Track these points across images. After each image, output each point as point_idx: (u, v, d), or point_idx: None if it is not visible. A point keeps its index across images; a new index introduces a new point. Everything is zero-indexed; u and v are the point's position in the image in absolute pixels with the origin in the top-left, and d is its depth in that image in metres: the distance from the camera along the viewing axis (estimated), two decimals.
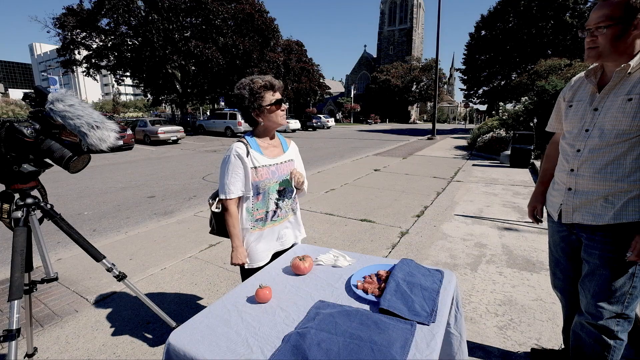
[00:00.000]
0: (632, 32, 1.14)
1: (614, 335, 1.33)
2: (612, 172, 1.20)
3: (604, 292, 1.28)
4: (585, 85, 1.36)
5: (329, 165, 9.47)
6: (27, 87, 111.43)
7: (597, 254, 1.28)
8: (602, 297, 1.29)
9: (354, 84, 63.21)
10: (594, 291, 1.31)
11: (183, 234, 4.07)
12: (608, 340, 1.33)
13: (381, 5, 65.70)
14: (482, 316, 2.30)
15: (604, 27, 1.14)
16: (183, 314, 2.38)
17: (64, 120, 1.34)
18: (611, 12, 1.13)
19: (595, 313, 1.32)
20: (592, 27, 1.18)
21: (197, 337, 1.02)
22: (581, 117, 1.32)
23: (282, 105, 1.60)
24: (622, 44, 1.16)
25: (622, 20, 1.13)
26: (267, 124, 1.62)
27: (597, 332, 1.34)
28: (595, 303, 1.31)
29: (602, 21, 1.15)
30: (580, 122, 1.32)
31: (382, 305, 1.12)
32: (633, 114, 1.15)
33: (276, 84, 1.58)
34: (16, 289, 1.31)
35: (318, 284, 1.33)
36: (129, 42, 24.10)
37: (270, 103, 1.55)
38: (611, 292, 1.27)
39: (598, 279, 1.29)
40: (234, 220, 1.59)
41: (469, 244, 3.57)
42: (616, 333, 1.32)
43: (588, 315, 1.35)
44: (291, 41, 41.72)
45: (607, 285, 1.27)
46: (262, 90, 1.53)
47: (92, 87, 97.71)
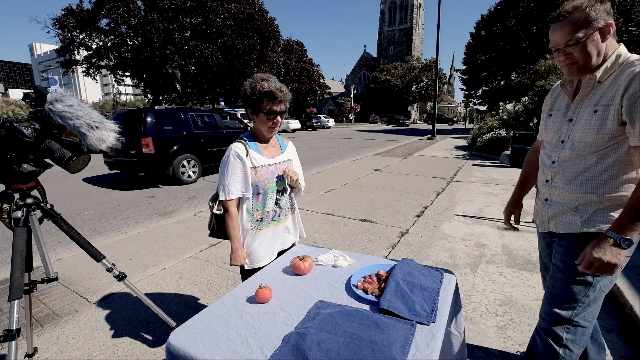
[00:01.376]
0: (600, 41, 1.13)
1: (562, 344, 1.28)
2: (582, 184, 1.20)
3: (557, 296, 1.27)
4: (562, 94, 1.34)
5: (329, 165, 9.47)
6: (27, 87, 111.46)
7: (559, 257, 1.28)
8: (554, 300, 1.28)
9: (354, 84, 63.24)
10: (548, 294, 1.31)
11: (183, 234, 4.07)
12: (556, 348, 1.29)
13: (381, 5, 65.70)
14: (482, 316, 2.30)
15: (575, 43, 1.13)
16: (183, 314, 2.38)
17: (63, 120, 1.34)
18: (575, 29, 1.12)
19: (545, 317, 1.31)
20: (562, 47, 1.16)
21: (197, 337, 1.02)
22: (558, 128, 1.31)
23: (276, 118, 1.56)
24: (595, 53, 1.15)
25: (590, 34, 1.12)
26: (257, 127, 1.62)
27: (547, 337, 1.31)
28: (547, 306, 1.30)
29: (571, 39, 1.13)
30: (557, 133, 1.31)
31: (382, 305, 1.12)
32: (598, 126, 1.14)
33: (279, 96, 1.52)
34: (16, 289, 1.31)
35: (318, 284, 1.33)
36: (129, 42, 24.13)
37: (264, 111, 1.53)
38: (563, 297, 1.25)
39: (554, 282, 1.28)
40: (234, 222, 1.59)
41: (469, 244, 3.57)
42: (565, 341, 1.28)
43: (540, 319, 1.34)
44: (291, 41, 41.75)
45: (561, 290, 1.25)
46: (262, 96, 1.50)
47: (92, 87, 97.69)
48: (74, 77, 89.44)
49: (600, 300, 1.25)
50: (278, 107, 1.54)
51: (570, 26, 1.13)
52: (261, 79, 1.52)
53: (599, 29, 1.11)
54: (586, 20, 1.11)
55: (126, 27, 23.23)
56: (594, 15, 1.10)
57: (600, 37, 1.12)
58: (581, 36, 1.12)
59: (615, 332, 2.12)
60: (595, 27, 1.11)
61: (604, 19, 1.11)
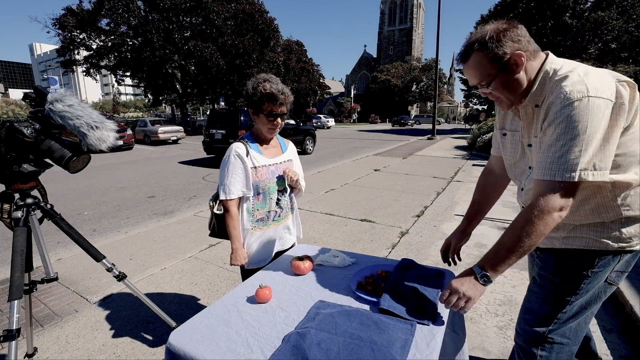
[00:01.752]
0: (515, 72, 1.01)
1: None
2: None
3: (532, 310, 1.19)
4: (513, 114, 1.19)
5: (329, 165, 9.47)
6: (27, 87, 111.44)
7: (537, 271, 1.22)
8: (528, 315, 1.20)
9: (354, 84, 63.26)
10: (523, 307, 1.23)
11: (183, 234, 4.07)
12: None
13: (381, 5, 65.73)
14: (482, 316, 2.30)
15: (487, 84, 1.04)
16: (183, 314, 2.38)
17: (63, 120, 1.34)
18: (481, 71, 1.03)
19: (519, 331, 1.23)
20: (477, 85, 1.07)
21: (197, 337, 1.02)
22: (521, 153, 1.17)
23: (276, 120, 1.56)
24: (515, 85, 1.03)
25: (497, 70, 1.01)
26: (258, 127, 1.62)
27: (522, 353, 1.22)
28: (521, 320, 1.23)
29: (481, 80, 1.04)
30: (522, 160, 1.18)
31: (382, 305, 1.12)
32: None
33: (280, 98, 1.50)
34: (16, 289, 1.31)
35: (318, 284, 1.33)
36: (129, 42, 24.12)
37: (264, 112, 1.53)
38: (539, 312, 1.17)
39: (529, 296, 1.21)
40: (234, 222, 1.59)
41: (469, 244, 3.56)
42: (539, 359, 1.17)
43: (515, 333, 1.27)
44: (291, 41, 41.76)
45: (536, 304, 1.17)
46: (264, 97, 1.50)
47: (92, 87, 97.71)
48: (74, 77, 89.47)
49: (584, 316, 1.15)
50: (279, 109, 1.54)
51: (474, 69, 1.04)
52: (264, 79, 1.51)
53: (508, 63, 0.99)
54: (489, 59, 0.99)
55: (126, 27, 23.23)
56: (496, 51, 0.98)
57: (513, 69, 1.00)
58: (489, 77, 1.02)
59: (615, 332, 2.12)
60: (503, 62, 0.99)
61: (510, 49, 0.98)
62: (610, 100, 0.89)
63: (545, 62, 1.02)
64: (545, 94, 1.00)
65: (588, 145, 0.87)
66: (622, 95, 0.91)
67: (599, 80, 0.90)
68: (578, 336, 1.16)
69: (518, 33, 0.99)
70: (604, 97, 0.88)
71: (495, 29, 0.99)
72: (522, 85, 1.03)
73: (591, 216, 1.03)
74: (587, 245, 1.05)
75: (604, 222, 1.02)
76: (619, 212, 1.00)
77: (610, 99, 0.89)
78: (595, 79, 0.91)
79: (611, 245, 1.02)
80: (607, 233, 1.02)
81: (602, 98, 0.87)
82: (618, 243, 1.02)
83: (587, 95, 0.87)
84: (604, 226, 1.03)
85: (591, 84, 0.89)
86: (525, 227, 0.95)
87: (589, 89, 0.88)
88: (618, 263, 1.06)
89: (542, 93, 1.01)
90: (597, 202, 1.02)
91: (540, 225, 0.93)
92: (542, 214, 0.93)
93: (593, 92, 0.87)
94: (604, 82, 0.91)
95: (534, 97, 1.03)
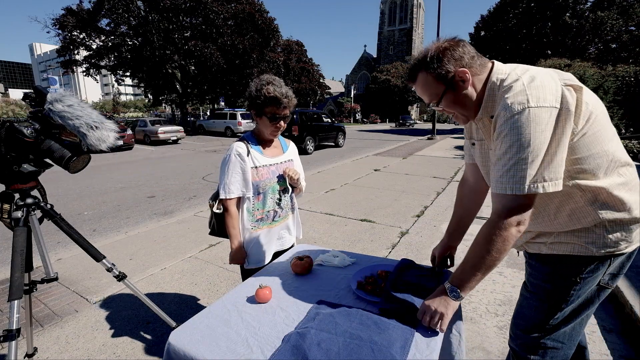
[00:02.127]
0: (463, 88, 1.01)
1: None
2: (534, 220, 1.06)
3: (524, 315, 1.18)
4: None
5: (329, 165, 9.47)
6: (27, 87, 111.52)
7: (527, 276, 1.21)
8: (520, 320, 1.19)
9: (354, 84, 63.26)
10: (515, 312, 1.22)
11: (183, 234, 4.07)
12: None
13: (381, 5, 65.74)
14: (482, 316, 2.30)
15: (437, 103, 1.06)
16: (183, 314, 2.38)
17: (63, 120, 1.34)
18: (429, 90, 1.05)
19: (512, 335, 1.22)
20: (429, 104, 1.08)
21: (197, 337, 1.02)
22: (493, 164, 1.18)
23: (279, 122, 1.55)
24: (465, 101, 1.04)
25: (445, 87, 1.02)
26: (260, 129, 1.62)
27: (515, 358, 1.21)
28: (513, 325, 1.22)
29: (431, 99, 1.06)
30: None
31: (383, 306, 1.12)
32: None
33: (284, 102, 1.49)
34: (16, 289, 1.31)
35: (318, 284, 1.33)
36: (129, 42, 24.11)
37: (267, 115, 1.52)
38: (529, 317, 1.15)
39: (522, 301, 1.20)
40: (233, 221, 1.59)
41: (469, 244, 3.56)
42: None
43: (509, 336, 1.26)
44: (291, 41, 41.76)
45: (527, 309, 1.16)
46: (267, 100, 1.48)
47: (92, 87, 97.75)
48: (74, 77, 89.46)
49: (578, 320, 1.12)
50: (282, 112, 1.53)
51: (422, 88, 1.06)
52: (267, 82, 1.49)
53: (453, 81, 1.00)
54: (434, 77, 1.01)
55: (126, 27, 23.21)
56: (439, 70, 0.99)
57: (459, 85, 1.01)
58: (437, 95, 1.04)
59: (615, 332, 2.12)
60: (448, 80, 1.00)
61: (454, 67, 0.99)
62: (555, 107, 0.87)
63: (491, 73, 1.01)
64: (495, 104, 0.99)
65: (534, 157, 0.87)
66: (567, 100, 0.89)
67: (542, 87, 0.89)
68: (573, 339, 1.15)
69: (460, 51, 1.00)
70: (546, 105, 0.86)
71: (436, 49, 1.00)
72: (472, 100, 1.03)
73: (570, 223, 1.02)
74: (574, 251, 1.03)
75: (587, 227, 1.00)
76: (596, 216, 0.98)
77: (555, 106, 0.87)
78: (539, 85, 0.89)
79: (597, 251, 1.00)
80: (592, 238, 1.00)
81: (545, 107, 0.86)
82: (605, 249, 0.99)
83: (527, 107, 0.86)
84: (588, 231, 1.01)
85: (533, 94, 0.87)
86: (485, 245, 0.97)
87: (530, 99, 0.87)
88: (609, 267, 1.03)
89: (493, 105, 1.00)
90: (571, 208, 1.00)
91: (498, 243, 0.94)
92: (500, 231, 0.94)
93: (534, 101, 0.86)
94: (548, 88, 0.89)
95: (485, 109, 1.03)
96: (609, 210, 0.97)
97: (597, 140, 0.94)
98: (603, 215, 0.97)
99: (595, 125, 0.94)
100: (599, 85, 10.66)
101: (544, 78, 0.92)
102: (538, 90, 0.88)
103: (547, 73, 0.95)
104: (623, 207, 0.97)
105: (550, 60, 17.36)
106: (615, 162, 0.97)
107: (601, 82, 10.86)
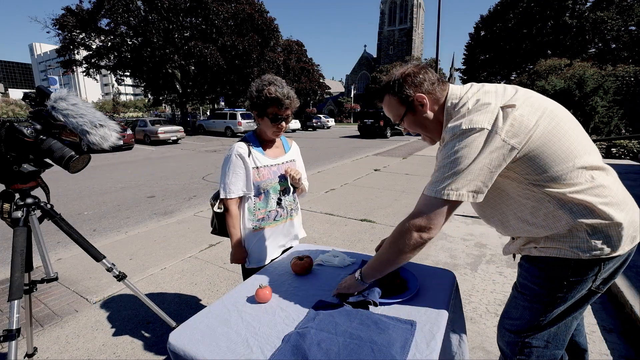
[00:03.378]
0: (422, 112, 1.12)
1: None
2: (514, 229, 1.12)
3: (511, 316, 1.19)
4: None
5: (329, 165, 9.47)
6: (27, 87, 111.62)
7: (517, 277, 1.21)
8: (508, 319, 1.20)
9: (354, 84, 63.20)
10: (504, 311, 1.23)
11: (183, 234, 4.07)
12: None
13: (381, 5, 65.73)
14: (482, 316, 2.30)
15: (400, 122, 1.17)
16: (183, 314, 2.38)
17: (67, 118, 1.34)
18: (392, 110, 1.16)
19: (499, 333, 1.24)
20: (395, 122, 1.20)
21: (197, 337, 1.02)
22: None
23: (280, 123, 1.54)
24: (425, 123, 1.14)
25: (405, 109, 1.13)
26: (263, 129, 1.61)
27: (503, 356, 1.24)
28: (501, 322, 1.23)
29: (395, 118, 1.18)
30: None
31: (370, 298, 1.13)
32: None
33: (285, 103, 1.48)
34: (16, 289, 1.31)
35: (318, 284, 1.33)
36: (129, 42, 24.09)
37: (269, 116, 1.51)
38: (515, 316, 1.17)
39: (511, 300, 1.20)
40: (234, 220, 1.59)
41: (469, 244, 3.57)
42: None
43: (497, 335, 1.27)
44: (291, 41, 41.75)
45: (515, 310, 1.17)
46: (268, 100, 1.47)
47: (92, 87, 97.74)
48: (74, 77, 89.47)
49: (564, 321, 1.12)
50: (284, 113, 1.52)
51: (388, 108, 1.17)
52: (269, 82, 1.48)
53: (413, 104, 1.11)
54: (398, 100, 1.13)
55: (126, 27, 23.19)
56: (400, 95, 1.11)
57: (419, 108, 1.12)
58: (399, 116, 1.15)
59: (615, 332, 2.12)
60: (409, 102, 1.11)
61: (413, 91, 1.10)
62: (485, 128, 0.94)
63: (446, 99, 1.10)
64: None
65: (455, 168, 0.96)
66: (498, 121, 0.95)
67: (481, 110, 0.97)
68: (559, 340, 1.14)
69: (421, 77, 1.09)
70: (476, 127, 0.95)
71: (401, 74, 1.11)
72: (432, 123, 1.14)
73: (548, 227, 1.03)
74: (562, 254, 1.03)
75: (569, 230, 1.00)
76: (570, 220, 0.98)
77: (485, 127, 0.95)
78: (479, 108, 0.98)
79: (584, 255, 0.99)
80: (576, 242, 1.00)
81: (475, 128, 0.95)
82: (590, 252, 0.99)
83: (460, 129, 0.97)
84: (571, 236, 1.00)
85: (469, 117, 0.97)
86: (392, 242, 1.08)
87: (463, 123, 0.97)
88: (600, 272, 1.03)
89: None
90: (544, 213, 1.02)
91: (403, 241, 1.04)
92: (403, 231, 1.03)
93: (466, 124, 0.96)
94: (484, 112, 0.97)
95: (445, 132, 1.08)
96: (580, 214, 0.97)
97: (551, 150, 0.96)
98: (578, 220, 0.97)
99: (545, 136, 0.95)
100: (599, 85, 10.66)
101: (485, 101, 1.00)
102: (475, 114, 0.97)
103: (493, 93, 1.02)
104: (595, 212, 0.97)
105: (550, 60, 17.38)
106: (580, 167, 0.97)
107: (601, 82, 10.85)
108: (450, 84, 1.14)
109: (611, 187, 1.00)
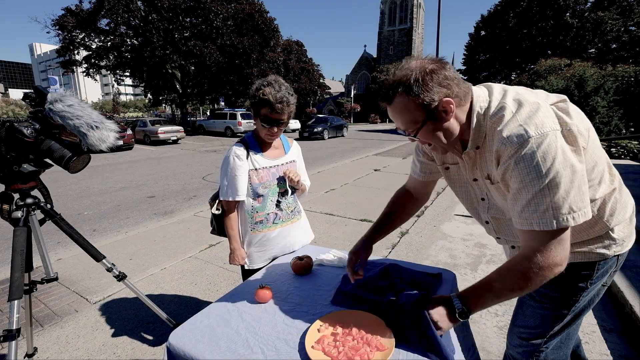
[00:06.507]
0: (445, 119, 0.89)
1: None
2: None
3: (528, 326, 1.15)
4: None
5: (329, 165, 9.47)
6: (27, 87, 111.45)
7: None
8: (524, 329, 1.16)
9: (354, 84, 63.13)
10: (520, 322, 1.18)
11: (183, 234, 4.07)
12: None
13: (381, 5, 65.69)
14: (482, 316, 2.30)
15: (414, 133, 0.92)
16: (183, 314, 2.38)
17: (63, 120, 1.34)
18: (407, 117, 0.91)
19: (513, 343, 1.21)
20: (405, 132, 0.95)
21: (197, 337, 1.02)
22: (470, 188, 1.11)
23: (272, 127, 1.49)
24: (445, 133, 0.92)
25: (425, 116, 0.88)
26: (258, 129, 1.58)
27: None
28: (517, 332, 1.19)
29: (408, 127, 0.92)
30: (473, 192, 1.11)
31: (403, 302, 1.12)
32: (502, 194, 0.95)
33: (277, 107, 1.42)
34: (16, 289, 1.31)
35: (318, 284, 1.33)
36: (129, 42, 24.10)
37: (260, 117, 1.48)
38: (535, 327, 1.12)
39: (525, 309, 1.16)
40: (232, 222, 1.58)
41: (469, 244, 3.56)
42: None
43: (508, 344, 1.24)
44: (291, 41, 41.70)
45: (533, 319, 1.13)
46: (261, 102, 1.44)
47: (92, 87, 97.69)
48: (74, 77, 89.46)
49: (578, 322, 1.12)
50: (275, 116, 1.46)
51: (400, 113, 0.90)
52: (268, 83, 1.45)
53: (436, 110, 0.87)
54: (416, 105, 0.86)
55: (126, 27, 23.21)
56: (422, 96, 0.84)
57: (442, 116, 0.88)
58: (417, 124, 0.90)
59: (615, 332, 2.12)
60: (430, 109, 0.86)
61: (438, 95, 0.85)
62: (556, 129, 0.79)
63: (472, 103, 0.91)
64: (482, 134, 0.91)
65: (553, 187, 0.77)
66: (563, 119, 0.82)
67: (535, 112, 0.80)
68: (571, 337, 1.16)
69: (446, 75, 0.85)
70: (547, 130, 0.77)
71: (421, 70, 0.85)
72: (453, 133, 0.92)
73: (580, 234, 1.01)
74: (586, 258, 1.03)
75: (601, 233, 1.00)
76: (604, 225, 0.98)
77: (556, 128, 0.79)
78: (529, 111, 0.81)
79: (608, 254, 1.01)
80: (602, 243, 1.00)
81: (547, 132, 0.77)
82: (613, 249, 1.01)
83: (528, 136, 0.78)
84: (601, 237, 1.01)
85: (530, 123, 0.79)
86: (520, 281, 0.86)
87: (528, 130, 0.78)
88: (616, 266, 1.06)
89: (479, 134, 0.92)
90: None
91: (537, 281, 0.84)
92: (542, 271, 0.82)
93: (532, 130, 0.78)
94: (541, 112, 0.80)
95: (474, 142, 0.93)
96: (610, 215, 0.98)
97: (596, 147, 0.92)
98: (610, 221, 0.99)
99: (592, 131, 0.92)
100: (599, 85, 10.66)
101: (531, 101, 0.84)
102: (532, 117, 0.80)
103: (530, 96, 0.88)
104: (619, 210, 0.99)
105: (551, 60, 17.37)
106: (608, 166, 0.98)
107: (601, 82, 10.85)
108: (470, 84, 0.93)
109: (622, 183, 1.03)
